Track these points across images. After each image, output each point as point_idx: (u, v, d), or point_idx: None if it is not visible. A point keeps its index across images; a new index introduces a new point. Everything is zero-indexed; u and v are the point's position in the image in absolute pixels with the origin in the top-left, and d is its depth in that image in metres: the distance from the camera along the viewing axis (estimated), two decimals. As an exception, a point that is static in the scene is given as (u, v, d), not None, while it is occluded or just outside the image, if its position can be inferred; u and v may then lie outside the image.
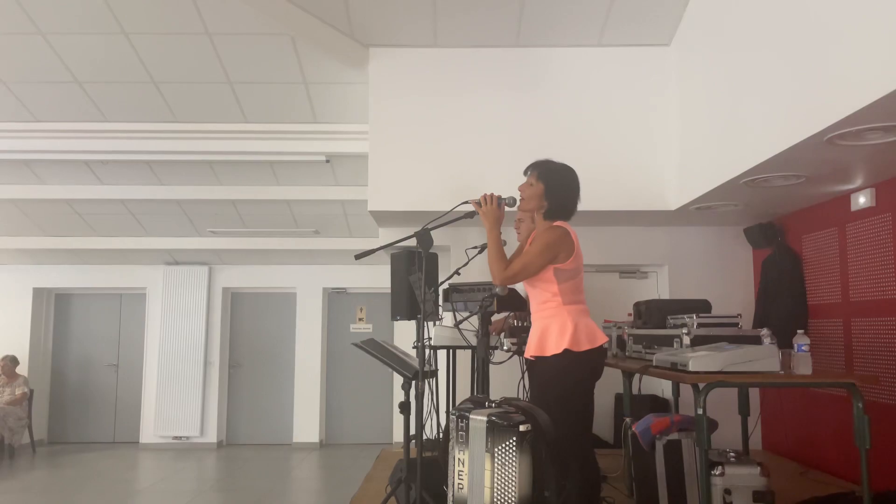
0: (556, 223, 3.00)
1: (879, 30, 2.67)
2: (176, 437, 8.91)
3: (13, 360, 8.44)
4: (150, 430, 8.91)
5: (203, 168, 6.61)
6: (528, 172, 3.07)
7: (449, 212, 3.07)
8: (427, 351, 3.15)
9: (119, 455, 8.46)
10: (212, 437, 8.95)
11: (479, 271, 3.59)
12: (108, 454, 8.50)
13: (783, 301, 5.03)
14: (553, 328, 2.91)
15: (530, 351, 3.02)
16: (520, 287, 3.25)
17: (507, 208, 3.08)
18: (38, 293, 9.21)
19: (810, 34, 3.20)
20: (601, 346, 2.93)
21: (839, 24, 2.96)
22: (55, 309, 9.49)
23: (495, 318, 4.09)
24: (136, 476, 7.44)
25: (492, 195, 3.00)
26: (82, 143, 6.09)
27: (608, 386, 5.44)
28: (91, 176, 6.76)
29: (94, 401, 9.30)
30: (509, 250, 3.09)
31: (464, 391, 4.81)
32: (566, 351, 2.84)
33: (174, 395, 8.89)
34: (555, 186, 3.00)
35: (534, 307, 3.07)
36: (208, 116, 5.95)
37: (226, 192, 6.99)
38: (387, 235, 5.58)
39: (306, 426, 9.01)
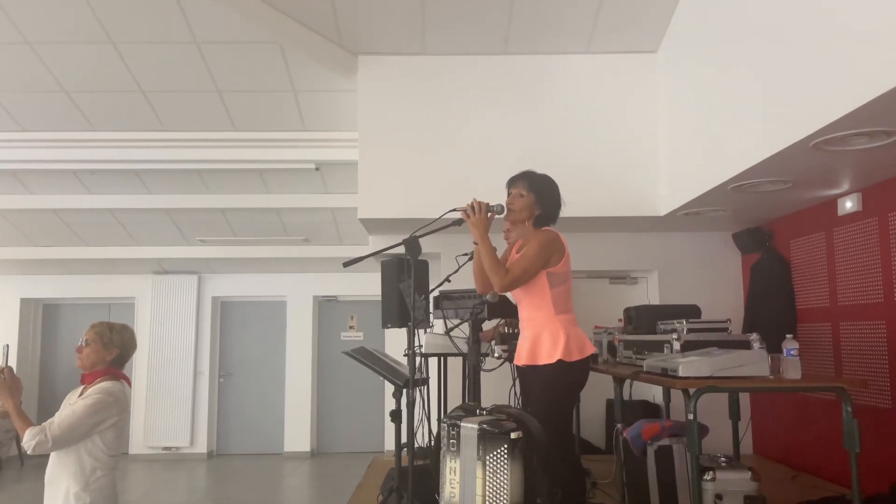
0: (545, 228, 3.09)
1: (863, 37, 2.70)
2: (166, 448, 8.84)
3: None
4: (140, 441, 8.84)
5: (192, 177, 6.58)
6: (514, 184, 3.12)
7: (437, 219, 3.07)
8: (418, 359, 3.15)
9: (108, 466, 8.37)
10: (202, 447, 8.88)
11: (469, 278, 3.58)
12: (96, 466, 8.41)
13: (772, 306, 5.05)
14: (545, 338, 2.94)
15: (521, 359, 3.05)
16: (509, 294, 3.25)
17: (495, 216, 3.09)
18: (26, 304, 9.13)
19: (795, 41, 3.23)
20: (589, 357, 3.00)
21: (823, 32, 2.99)
22: (43, 319, 9.41)
23: (486, 325, 4.09)
24: (125, 487, 7.37)
25: (479, 202, 3.01)
26: (70, 152, 6.06)
27: (599, 392, 5.44)
28: (79, 185, 6.72)
29: (82, 412, 9.20)
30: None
31: (455, 399, 4.80)
32: (559, 361, 2.88)
33: (163, 406, 8.82)
34: (545, 195, 3.09)
35: (524, 315, 3.08)
36: (197, 125, 5.92)
37: (215, 200, 6.97)
38: (377, 243, 5.57)
39: (297, 435, 8.97)
